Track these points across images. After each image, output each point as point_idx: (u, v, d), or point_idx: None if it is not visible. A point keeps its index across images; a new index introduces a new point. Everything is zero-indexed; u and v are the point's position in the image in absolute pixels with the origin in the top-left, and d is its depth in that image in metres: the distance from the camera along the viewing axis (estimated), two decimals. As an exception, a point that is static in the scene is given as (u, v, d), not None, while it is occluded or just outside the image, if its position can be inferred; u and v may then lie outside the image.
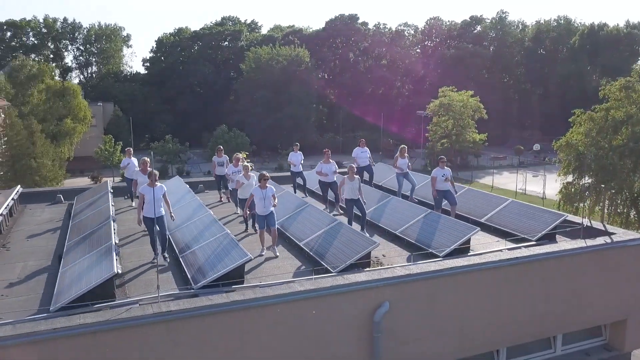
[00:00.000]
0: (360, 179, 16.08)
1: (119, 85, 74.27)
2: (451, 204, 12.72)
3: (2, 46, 70.96)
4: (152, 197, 9.76)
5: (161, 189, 10.07)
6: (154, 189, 9.84)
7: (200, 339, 7.33)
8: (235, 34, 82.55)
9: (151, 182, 9.96)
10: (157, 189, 9.92)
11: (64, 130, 53.00)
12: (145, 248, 10.70)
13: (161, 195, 9.99)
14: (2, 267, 9.80)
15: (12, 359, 6.61)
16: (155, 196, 9.79)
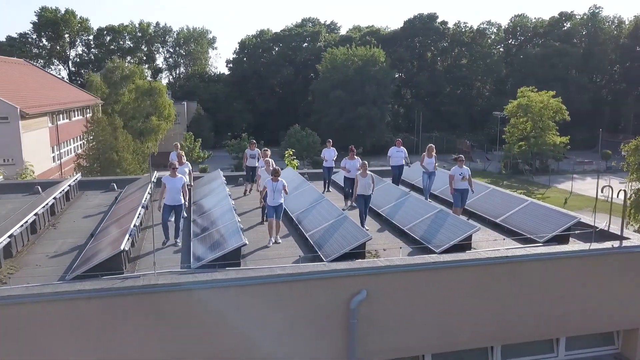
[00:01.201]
0: (396, 177, 16.51)
1: (204, 85, 78.51)
2: (460, 206, 12.82)
3: (102, 49, 77.46)
4: (173, 186, 10.86)
5: (180, 180, 11.11)
6: (175, 179, 10.93)
7: (181, 312, 8.21)
8: (314, 35, 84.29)
9: (172, 173, 11.06)
10: (177, 179, 10.99)
11: (149, 127, 57.07)
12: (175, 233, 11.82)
13: (180, 186, 11.02)
14: (46, 243, 11.34)
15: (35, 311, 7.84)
16: (174, 186, 10.87)
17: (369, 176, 12.30)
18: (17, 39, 72.38)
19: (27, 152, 32.27)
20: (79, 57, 78.39)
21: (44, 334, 7.83)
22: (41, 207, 12.16)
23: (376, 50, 71.22)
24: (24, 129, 32.49)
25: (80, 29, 75.89)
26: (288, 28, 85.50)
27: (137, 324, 8.09)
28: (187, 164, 13.64)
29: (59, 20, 72.90)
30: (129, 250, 9.91)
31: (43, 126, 36.23)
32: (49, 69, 74.07)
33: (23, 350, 7.81)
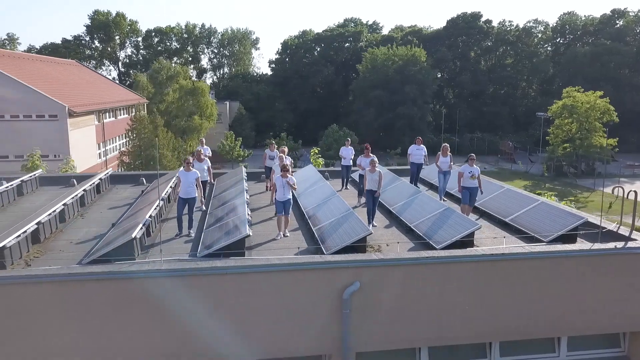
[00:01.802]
0: (414, 175, 16.69)
1: (246, 85, 79.98)
2: (470, 204, 12.88)
3: (150, 51, 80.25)
4: (186, 180, 11.51)
5: (194, 174, 11.73)
6: (188, 173, 11.57)
7: (182, 297, 8.77)
8: (356, 35, 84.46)
9: (186, 167, 11.71)
10: (191, 174, 11.62)
11: (192, 126, 58.74)
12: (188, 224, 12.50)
13: (193, 180, 11.64)
14: (72, 231, 12.22)
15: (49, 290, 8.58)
16: (187, 179, 11.51)
17: (377, 172, 12.58)
18: (72, 41, 76.04)
19: (74, 149, 34.05)
20: (128, 58, 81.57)
21: (56, 311, 8.56)
22: (70, 198, 13.08)
23: (417, 50, 70.70)
24: (72, 126, 34.29)
25: (129, 31, 78.94)
26: (330, 28, 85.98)
27: (141, 305, 8.71)
28: (207, 161, 14.27)
29: (110, 23, 76.08)
30: (142, 239, 10.60)
31: (90, 124, 38.10)
32: (100, 69, 77.51)
33: (38, 323, 8.56)
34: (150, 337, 8.81)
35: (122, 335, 8.72)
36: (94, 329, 8.65)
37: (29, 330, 8.52)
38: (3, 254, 9.38)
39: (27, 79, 34.30)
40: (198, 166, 13.55)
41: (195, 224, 12.33)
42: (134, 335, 8.74)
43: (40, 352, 8.59)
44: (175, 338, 8.87)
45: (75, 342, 8.64)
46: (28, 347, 8.54)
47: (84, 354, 8.70)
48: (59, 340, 8.61)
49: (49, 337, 8.58)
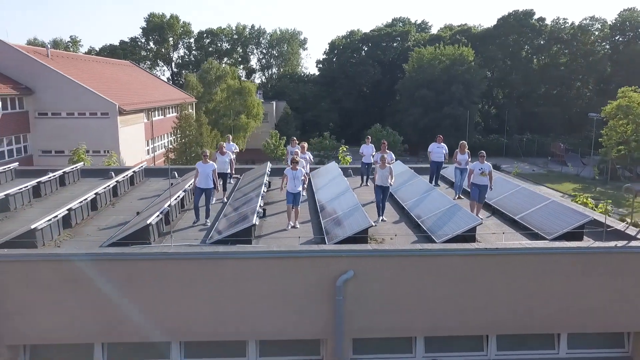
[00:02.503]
0: (434, 173, 16.91)
1: (293, 85, 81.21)
2: (478, 201, 13.00)
3: (202, 51, 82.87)
4: (203, 171, 12.30)
5: (211, 166, 12.51)
6: (206, 165, 12.36)
7: (186, 278, 9.49)
8: (404, 35, 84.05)
9: (204, 160, 12.49)
10: (208, 165, 12.40)
11: (239, 125, 60.35)
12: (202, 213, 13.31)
13: (210, 172, 12.41)
14: (102, 218, 13.27)
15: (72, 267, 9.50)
16: (204, 171, 12.29)
17: (387, 169, 12.93)
18: (129, 43, 79.66)
19: (123, 145, 35.98)
20: (181, 58, 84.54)
21: (77, 285, 9.47)
22: (102, 188, 14.16)
23: (465, 49, 69.67)
24: (122, 123, 36.22)
25: (182, 33, 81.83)
26: (378, 28, 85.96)
27: (148, 285, 9.49)
28: (229, 154, 15.03)
29: (165, 25, 79.15)
30: (159, 226, 11.44)
31: (139, 121, 40.07)
32: (155, 70, 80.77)
33: (63, 294, 9.49)
34: (155, 314, 9.57)
35: (131, 310, 9.52)
36: (105, 304, 9.50)
37: (48, 302, 9.47)
38: (35, 235, 10.43)
39: (82, 79, 36.51)
40: (220, 159, 14.37)
41: (213, 213, 13.10)
42: (141, 311, 9.53)
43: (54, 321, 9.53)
44: (178, 317, 9.60)
45: (86, 315, 9.52)
46: (47, 316, 9.49)
47: (92, 326, 9.58)
48: (71, 312, 9.52)
49: (65, 309, 9.50)
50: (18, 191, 13.95)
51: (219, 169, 14.58)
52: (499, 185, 14.72)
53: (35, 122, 34.95)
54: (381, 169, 12.92)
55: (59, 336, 9.71)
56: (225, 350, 10.23)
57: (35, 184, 14.82)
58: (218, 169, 14.48)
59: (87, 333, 9.73)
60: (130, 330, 9.72)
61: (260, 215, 12.39)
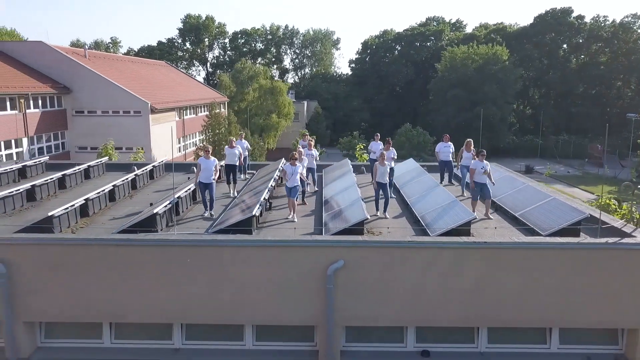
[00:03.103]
0: (443, 172, 17.09)
1: (325, 85, 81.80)
2: (485, 198, 13.12)
3: (237, 52, 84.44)
4: (206, 167, 12.90)
5: (213, 162, 13.10)
6: (208, 161, 12.95)
7: (185, 264, 10.08)
8: (437, 34, 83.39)
9: (206, 155, 13.09)
10: (210, 161, 13.00)
11: (270, 124, 61.35)
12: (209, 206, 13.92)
13: (212, 166, 13.01)
14: (118, 208, 14.07)
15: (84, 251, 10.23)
16: (207, 167, 12.89)
17: (387, 165, 13.24)
18: (166, 44, 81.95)
19: (155, 142, 37.29)
20: (216, 59, 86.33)
21: (87, 268, 10.19)
22: (120, 180, 14.99)
23: (499, 48, 68.65)
24: (154, 121, 37.52)
25: (217, 33, 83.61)
26: (411, 28, 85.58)
27: (153, 268, 10.13)
28: (237, 148, 15.58)
29: (200, 26, 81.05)
30: (168, 215, 12.11)
31: (171, 120, 41.35)
32: (190, 70, 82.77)
33: (74, 276, 10.23)
34: (158, 297, 10.19)
35: (136, 293, 10.18)
36: (113, 286, 10.18)
37: (61, 284, 10.22)
38: (52, 221, 11.25)
39: (117, 79, 37.99)
40: (229, 152, 15.10)
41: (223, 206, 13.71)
42: (143, 293, 10.18)
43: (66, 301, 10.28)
44: (179, 300, 10.20)
45: (95, 296, 10.23)
46: (59, 296, 10.25)
47: (101, 306, 10.28)
48: (82, 293, 10.24)
49: (76, 291, 10.23)
50: (44, 182, 14.91)
51: (228, 160, 15.25)
52: (506, 183, 14.81)
53: (72, 120, 36.60)
54: (381, 166, 13.22)
55: (70, 315, 10.46)
56: (223, 333, 10.79)
57: (60, 177, 15.78)
58: (227, 161, 15.17)
59: (95, 313, 10.44)
60: (135, 311, 10.38)
61: (267, 208, 12.92)
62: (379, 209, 13.34)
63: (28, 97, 32.04)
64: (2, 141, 30.12)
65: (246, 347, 10.79)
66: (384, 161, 13.27)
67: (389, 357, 10.61)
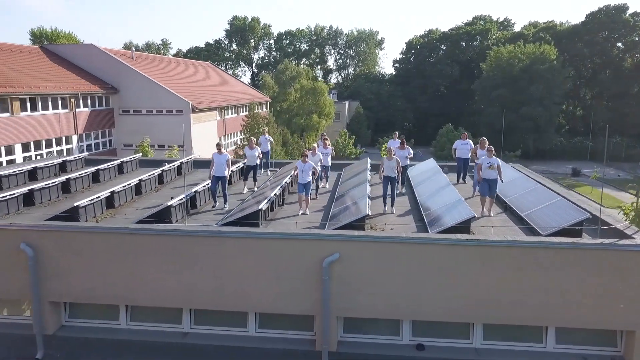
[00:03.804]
0: (461, 170, 17.24)
1: (368, 85, 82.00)
2: (490, 195, 13.22)
3: (282, 52, 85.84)
4: (218, 161, 13.63)
5: (225, 157, 13.80)
6: (220, 156, 13.67)
7: (192, 253, 10.80)
8: (483, 33, 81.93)
9: (219, 151, 13.81)
10: (222, 156, 13.70)
11: (310, 124, 62.16)
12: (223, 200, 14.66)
13: (224, 161, 13.71)
14: (143, 201, 15.03)
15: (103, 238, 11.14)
16: (219, 161, 13.60)
17: (394, 160, 13.57)
18: (213, 45, 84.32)
19: (195, 140, 38.71)
20: (261, 59, 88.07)
21: (107, 253, 11.09)
22: (147, 175, 15.98)
23: (546, 47, 66.81)
24: (195, 120, 38.98)
25: (263, 34, 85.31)
26: (457, 27, 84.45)
27: (164, 256, 10.90)
28: (257, 149, 16.26)
29: (246, 27, 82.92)
30: (183, 208, 12.91)
31: (212, 119, 42.79)
32: (236, 70, 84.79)
33: (94, 261, 11.15)
34: (169, 283, 10.96)
35: (149, 278, 10.99)
36: (129, 271, 11.04)
37: (82, 268, 11.16)
38: (78, 211, 12.26)
39: (161, 79, 39.70)
40: (249, 153, 15.76)
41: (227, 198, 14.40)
42: (155, 279, 10.97)
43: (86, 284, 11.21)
44: (187, 286, 10.94)
45: (113, 280, 11.11)
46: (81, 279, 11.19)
47: (118, 290, 11.16)
48: (101, 277, 11.15)
49: (96, 274, 11.15)
50: (78, 176, 16.10)
51: (248, 162, 15.94)
52: (518, 184, 14.82)
53: (119, 119, 38.56)
54: (388, 160, 13.55)
55: (90, 296, 11.40)
56: (229, 320, 11.46)
57: (94, 171, 16.96)
58: (247, 162, 15.87)
59: (113, 296, 11.34)
60: (149, 296, 11.19)
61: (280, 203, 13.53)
62: (386, 204, 13.68)
63: (78, 97, 34.04)
64: (54, 138, 32.19)
65: (249, 334, 11.43)
66: (392, 155, 13.58)
67: (384, 349, 10.98)
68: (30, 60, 34.31)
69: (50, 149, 31.77)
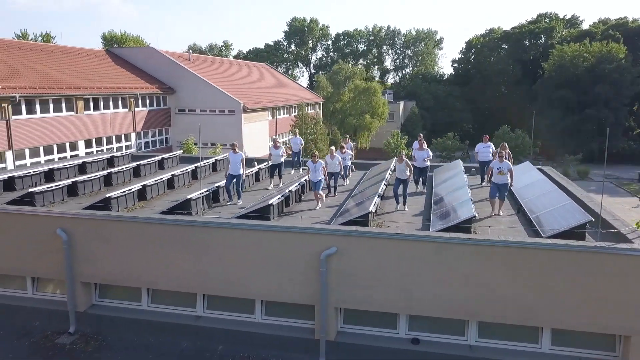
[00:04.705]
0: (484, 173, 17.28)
1: (425, 85, 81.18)
2: (500, 198, 13.27)
3: (339, 53, 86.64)
4: (233, 160, 14.47)
5: (240, 155, 14.57)
6: (235, 155, 14.48)
7: (204, 241, 11.71)
8: (548, 31, 78.98)
9: (234, 150, 14.64)
10: (237, 155, 14.49)
11: (363, 124, 62.55)
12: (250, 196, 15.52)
13: (239, 160, 14.49)
14: (175, 194, 16.18)
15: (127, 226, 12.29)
16: (234, 160, 14.41)
17: (404, 163, 13.92)
18: (272, 46, 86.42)
19: (246, 139, 40.22)
20: (319, 60, 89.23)
21: (131, 240, 12.23)
22: (180, 170, 17.17)
23: (615, 45, 63.59)
24: (246, 120, 40.50)
25: (321, 35, 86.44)
26: (519, 25, 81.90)
27: (180, 244, 11.89)
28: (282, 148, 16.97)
29: (305, 28, 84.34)
30: (205, 201, 13.90)
31: (263, 119, 44.22)
32: (294, 71, 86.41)
33: (120, 246, 12.32)
34: (184, 269, 11.92)
35: (168, 264, 12.00)
36: (150, 257, 12.12)
37: (110, 252, 12.36)
38: (110, 202, 13.53)
39: (215, 80, 41.52)
40: (274, 152, 16.54)
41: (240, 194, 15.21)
42: (172, 265, 11.97)
43: (114, 267, 12.40)
44: (200, 273, 11.86)
45: (136, 265, 12.23)
46: (109, 263, 12.39)
47: (140, 274, 12.26)
48: (126, 261, 12.29)
49: (122, 259, 12.31)
50: (120, 170, 17.54)
51: (273, 160, 16.72)
52: (535, 187, 14.74)
53: (175, 118, 40.72)
54: (399, 164, 13.92)
55: (116, 279, 12.60)
56: (238, 306, 12.29)
57: (135, 166, 18.39)
58: (272, 161, 16.66)
59: (136, 279, 12.47)
60: (167, 280, 12.23)
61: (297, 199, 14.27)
62: (398, 202, 14.08)
63: (137, 97, 36.34)
64: (114, 135, 34.56)
65: (256, 320, 12.21)
66: (402, 159, 13.97)
67: (381, 341, 11.42)
68: (95, 62, 36.99)
69: (111, 145, 34.15)
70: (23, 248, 12.83)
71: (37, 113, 28.41)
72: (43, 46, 36.02)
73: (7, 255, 13.02)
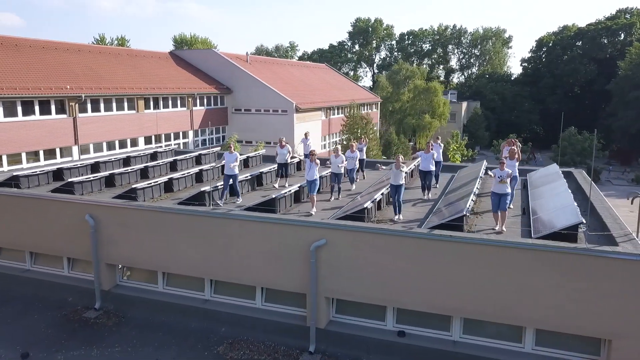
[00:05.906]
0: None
1: (491, 85, 78.89)
2: (500, 209, 12.75)
3: (403, 53, 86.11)
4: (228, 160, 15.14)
5: (234, 156, 14.99)
6: (230, 155, 15.07)
7: (208, 231, 12.67)
8: (627, 28, 74.28)
9: (231, 150, 15.34)
10: (232, 155, 15.00)
11: (422, 124, 62.00)
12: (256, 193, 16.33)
13: (234, 160, 15.05)
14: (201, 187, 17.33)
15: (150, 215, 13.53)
16: (229, 160, 15.06)
17: (401, 167, 14.09)
18: (336, 47, 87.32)
19: (298, 139, 41.27)
20: (382, 60, 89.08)
21: (150, 227, 13.46)
22: (208, 166, 18.35)
23: (700, 42, 58.89)
24: (298, 120, 41.58)
25: (384, 35, 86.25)
26: (596, 22, 77.61)
27: (191, 232, 12.95)
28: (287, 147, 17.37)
29: (369, 29, 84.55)
30: (221, 195, 14.88)
31: (316, 119, 45.14)
32: (358, 71, 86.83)
33: (140, 233, 13.58)
34: (194, 256, 12.95)
35: (180, 250, 13.10)
36: (166, 243, 13.28)
37: (132, 238, 13.64)
38: (136, 192, 14.86)
39: (270, 81, 42.94)
40: (280, 151, 17.08)
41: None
42: (182, 251, 13.04)
43: (134, 251, 13.67)
44: (206, 259, 12.85)
45: (154, 249, 13.43)
46: (130, 247, 13.67)
47: (157, 259, 13.44)
48: (145, 246, 13.52)
49: (141, 244, 13.56)
50: (156, 165, 19.00)
51: (278, 159, 17.20)
52: (547, 191, 14.52)
53: (231, 117, 42.55)
54: (396, 169, 13.99)
55: (136, 262, 13.88)
56: (240, 292, 13.19)
57: (171, 161, 19.81)
58: (278, 159, 17.18)
59: (153, 263, 13.69)
60: (180, 265, 13.34)
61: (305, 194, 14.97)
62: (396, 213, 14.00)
63: (195, 97, 38.42)
64: (172, 132, 36.78)
65: (257, 306, 13.04)
66: (400, 164, 13.99)
67: (370, 332, 11.88)
68: (158, 64, 39.49)
69: (169, 142, 36.38)
70: (59, 231, 14.42)
71: (101, 111, 30.92)
72: (111, 49, 38.97)
73: (47, 237, 14.68)
